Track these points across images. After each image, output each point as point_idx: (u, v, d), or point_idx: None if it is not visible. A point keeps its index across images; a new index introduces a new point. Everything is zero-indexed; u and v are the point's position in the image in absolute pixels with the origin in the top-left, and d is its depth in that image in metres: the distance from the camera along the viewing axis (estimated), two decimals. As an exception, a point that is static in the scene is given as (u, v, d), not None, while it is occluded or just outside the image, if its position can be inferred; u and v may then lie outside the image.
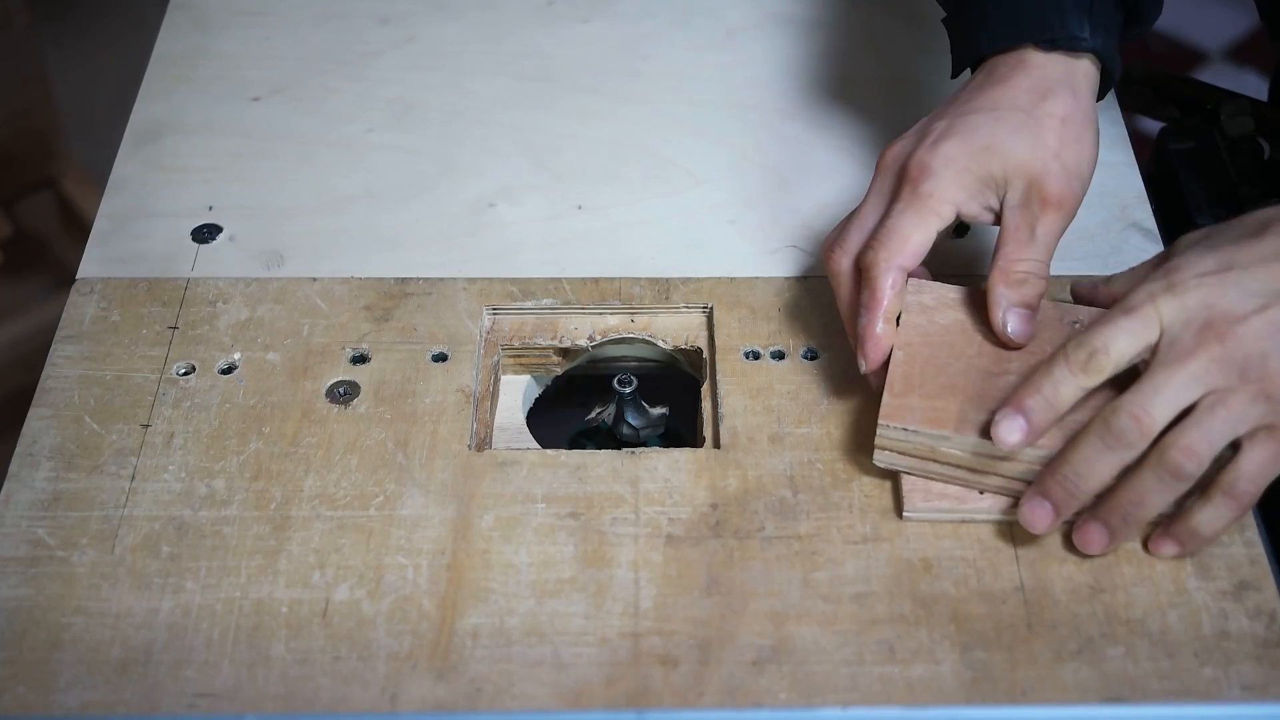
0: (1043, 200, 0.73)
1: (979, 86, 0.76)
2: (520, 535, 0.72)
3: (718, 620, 0.68)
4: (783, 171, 0.91)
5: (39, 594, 0.69)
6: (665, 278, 0.84)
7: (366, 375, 0.79)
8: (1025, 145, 0.73)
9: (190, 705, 0.65)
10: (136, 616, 0.69)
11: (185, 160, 0.92)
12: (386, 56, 1.00)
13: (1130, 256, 0.85)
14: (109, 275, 0.84)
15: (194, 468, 0.75)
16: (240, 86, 0.97)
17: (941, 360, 0.72)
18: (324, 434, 0.76)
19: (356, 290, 0.84)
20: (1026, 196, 0.73)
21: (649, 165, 0.92)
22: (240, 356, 0.80)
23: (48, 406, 0.77)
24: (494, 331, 0.83)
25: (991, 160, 0.73)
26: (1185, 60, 2.13)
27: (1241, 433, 0.66)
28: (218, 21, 1.02)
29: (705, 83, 0.98)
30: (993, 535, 0.72)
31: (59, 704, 0.65)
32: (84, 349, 0.80)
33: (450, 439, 0.76)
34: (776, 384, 0.79)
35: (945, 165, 0.73)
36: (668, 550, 0.71)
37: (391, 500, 0.73)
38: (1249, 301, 0.66)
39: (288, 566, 0.71)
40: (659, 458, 0.75)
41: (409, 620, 0.68)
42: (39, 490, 0.74)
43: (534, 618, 0.69)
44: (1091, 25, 0.75)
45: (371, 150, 0.93)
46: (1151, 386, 0.66)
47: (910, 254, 0.73)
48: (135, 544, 0.71)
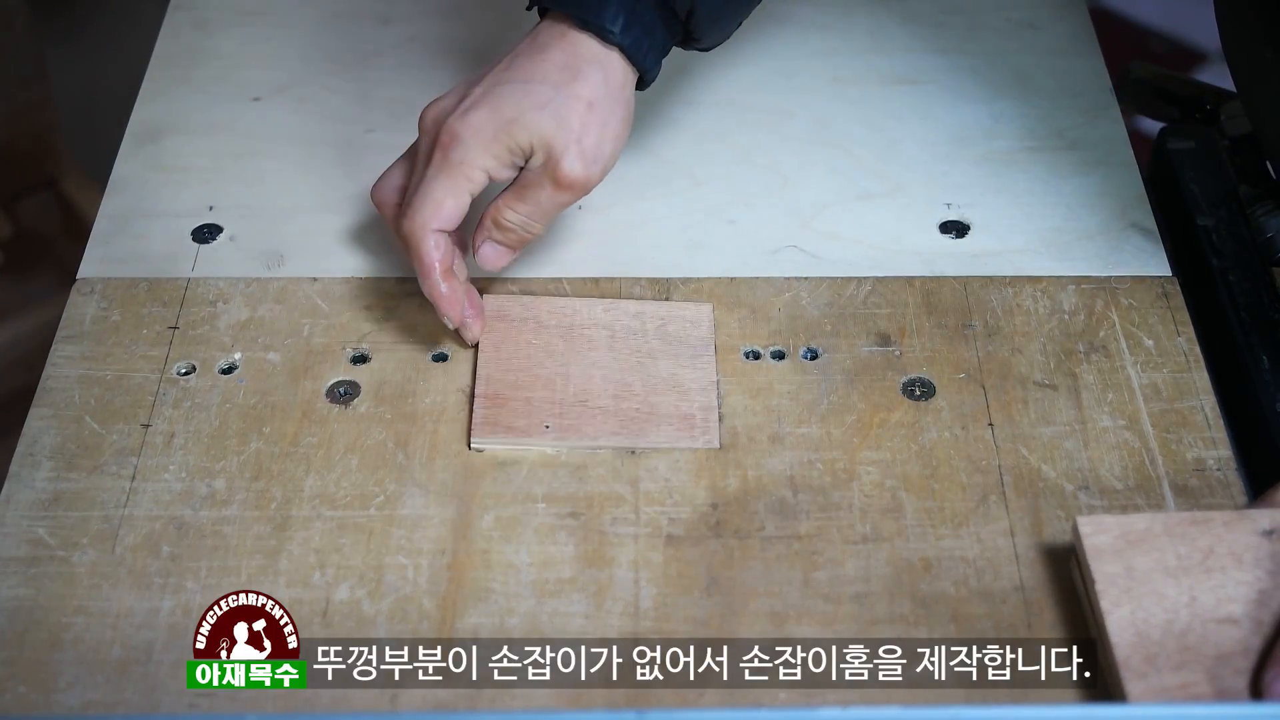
0: (554, 179, 0.75)
1: (522, 53, 0.78)
2: (520, 535, 0.72)
3: (718, 620, 0.68)
4: (783, 171, 0.91)
5: (39, 594, 0.69)
6: (665, 278, 0.84)
7: (367, 375, 0.79)
8: (549, 123, 0.75)
9: (190, 705, 0.65)
10: (137, 616, 0.69)
11: (186, 160, 0.92)
12: (387, 57, 1.00)
13: (1130, 256, 0.85)
14: (109, 275, 0.84)
15: (194, 468, 0.75)
16: (240, 86, 0.97)
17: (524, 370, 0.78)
18: (324, 434, 0.76)
19: (357, 290, 0.84)
20: (544, 167, 0.75)
21: (649, 165, 0.92)
22: (241, 356, 0.80)
23: (48, 406, 0.77)
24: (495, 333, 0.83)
25: (517, 133, 0.75)
26: (1185, 60, 2.13)
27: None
28: (218, 21, 1.02)
29: (705, 83, 0.98)
30: (993, 535, 0.72)
31: (59, 704, 0.65)
32: (84, 349, 0.80)
33: (450, 439, 0.76)
34: (776, 384, 0.79)
35: (474, 135, 0.75)
36: (668, 550, 0.71)
37: (392, 500, 0.73)
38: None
39: (288, 566, 0.71)
40: (659, 458, 0.75)
41: (409, 620, 0.68)
42: (39, 490, 0.74)
43: (534, 618, 0.69)
44: (625, 23, 0.76)
45: (372, 150, 0.93)
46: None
47: (445, 218, 0.76)
48: (136, 544, 0.71)
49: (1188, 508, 0.73)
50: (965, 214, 0.88)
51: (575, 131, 0.75)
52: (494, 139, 0.75)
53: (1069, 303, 0.82)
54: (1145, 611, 0.65)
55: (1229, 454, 0.75)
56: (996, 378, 0.79)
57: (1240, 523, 0.68)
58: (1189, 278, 0.85)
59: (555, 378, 0.78)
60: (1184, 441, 0.76)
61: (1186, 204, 0.88)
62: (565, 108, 0.75)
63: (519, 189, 0.77)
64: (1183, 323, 0.81)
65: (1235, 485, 0.74)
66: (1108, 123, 0.93)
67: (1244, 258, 0.84)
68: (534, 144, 0.75)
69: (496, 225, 0.78)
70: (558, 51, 0.76)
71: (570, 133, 0.75)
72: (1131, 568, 0.66)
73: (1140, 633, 0.65)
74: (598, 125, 0.76)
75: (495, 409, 0.77)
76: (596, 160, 0.76)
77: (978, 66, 0.97)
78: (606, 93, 0.76)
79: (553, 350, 0.79)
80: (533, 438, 0.75)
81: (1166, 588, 0.66)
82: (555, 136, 0.75)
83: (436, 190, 0.75)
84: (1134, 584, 0.66)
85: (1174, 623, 0.65)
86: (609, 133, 0.77)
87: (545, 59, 0.76)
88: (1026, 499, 0.73)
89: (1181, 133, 0.92)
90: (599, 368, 0.79)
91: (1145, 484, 0.74)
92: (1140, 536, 0.67)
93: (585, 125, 0.75)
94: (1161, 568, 0.66)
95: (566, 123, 0.75)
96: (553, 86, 0.75)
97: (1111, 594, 0.66)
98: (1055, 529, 0.72)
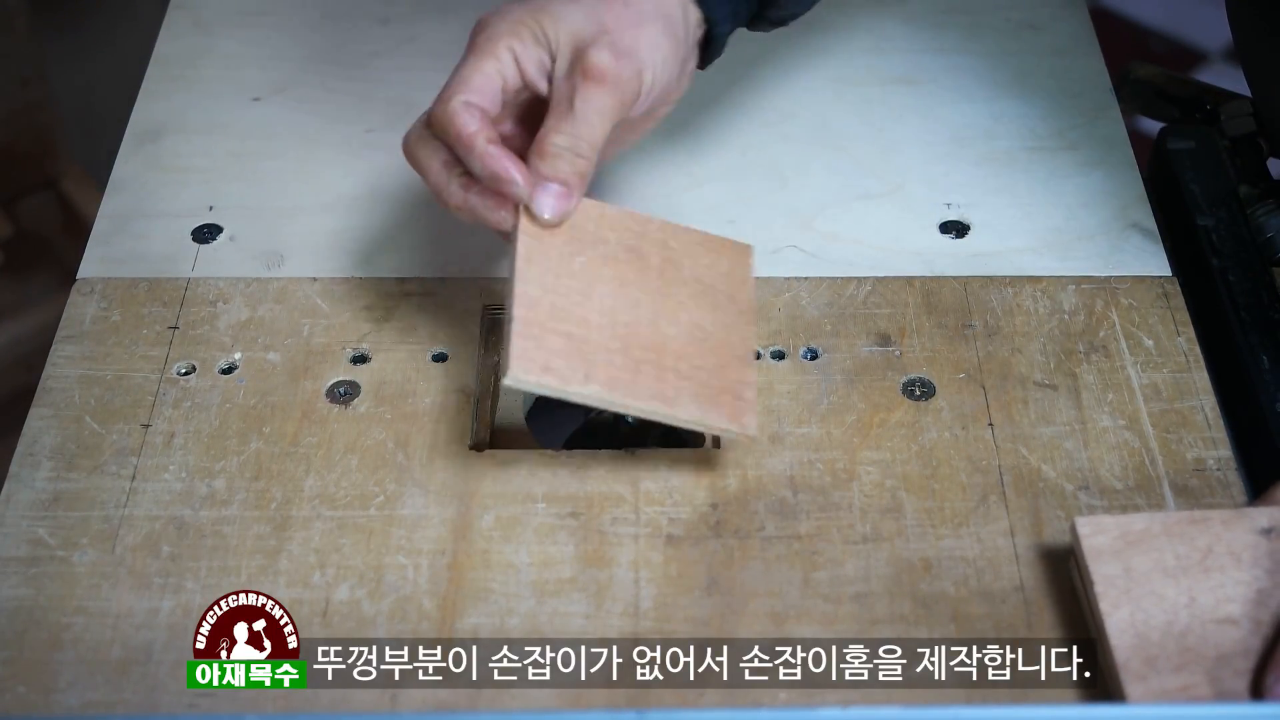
0: (584, 71, 0.70)
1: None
2: (520, 535, 0.72)
3: (718, 620, 0.68)
4: (783, 171, 0.91)
5: (39, 594, 0.69)
6: (665, 278, 0.84)
7: (367, 375, 0.79)
8: (579, 15, 0.71)
9: (190, 705, 0.65)
10: (137, 616, 0.69)
11: (186, 160, 0.92)
12: (388, 58, 1.00)
13: (1130, 256, 0.85)
14: (109, 275, 0.84)
15: (194, 467, 0.75)
16: (240, 86, 0.97)
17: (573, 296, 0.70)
18: (324, 434, 0.76)
19: (356, 290, 0.84)
20: (571, 66, 0.71)
21: (649, 165, 0.92)
22: (240, 356, 0.80)
23: (48, 406, 0.77)
24: (494, 331, 0.83)
25: (544, 19, 0.71)
26: (1185, 60, 2.13)
27: None
28: (218, 21, 1.02)
29: (705, 82, 0.98)
30: (993, 535, 0.72)
31: (59, 704, 0.65)
32: (84, 349, 0.80)
33: (450, 439, 0.76)
34: (776, 384, 0.79)
35: (500, 18, 0.72)
36: (668, 550, 0.71)
37: (392, 500, 0.73)
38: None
39: (288, 566, 0.71)
40: (659, 458, 0.75)
41: (409, 620, 0.68)
42: (39, 490, 0.74)
43: (534, 618, 0.69)
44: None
45: (372, 150, 0.93)
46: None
47: (474, 89, 0.70)
48: (135, 544, 0.71)
49: (1188, 508, 0.73)
50: (965, 214, 0.88)
51: (606, 24, 0.71)
52: (519, 21, 0.71)
53: (1069, 303, 0.82)
54: (1144, 613, 0.65)
55: (1229, 454, 0.75)
56: (996, 378, 0.79)
57: (1239, 521, 0.68)
58: (1189, 278, 0.85)
59: (602, 312, 0.71)
60: (1184, 441, 0.76)
61: (1186, 204, 0.88)
62: (599, 6, 0.72)
63: (553, 110, 0.71)
64: (1183, 323, 0.81)
65: (1235, 485, 0.74)
66: (1108, 123, 0.93)
67: (1244, 257, 0.84)
68: (559, 37, 0.71)
69: (542, 156, 0.71)
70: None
71: (599, 24, 0.71)
72: (1130, 568, 0.66)
73: (1140, 634, 0.65)
74: (632, 23, 0.72)
75: (535, 339, 0.68)
76: (629, 56, 0.71)
77: (978, 66, 0.97)
78: (653, 6, 0.73)
79: (602, 275, 0.72)
80: (571, 386, 0.68)
81: (1165, 588, 0.66)
82: (583, 28, 0.71)
83: (463, 69, 0.71)
84: (1133, 585, 0.66)
85: (1173, 624, 0.65)
86: (645, 35, 0.72)
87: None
88: (1026, 499, 0.73)
89: (1182, 133, 0.92)
90: (649, 308, 0.72)
91: (1145, 484, 0.74)
92: (1139, 536, 0.67)
93: (619, 21, 0.71)
94: (1160, 568, 0.66)
95: (597, 17, 0.71)
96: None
97: (1110, 595, 0.66)
98: (1055, 529, 0.72)
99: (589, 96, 0.70)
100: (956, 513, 0.73)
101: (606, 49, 0.70)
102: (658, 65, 0.73)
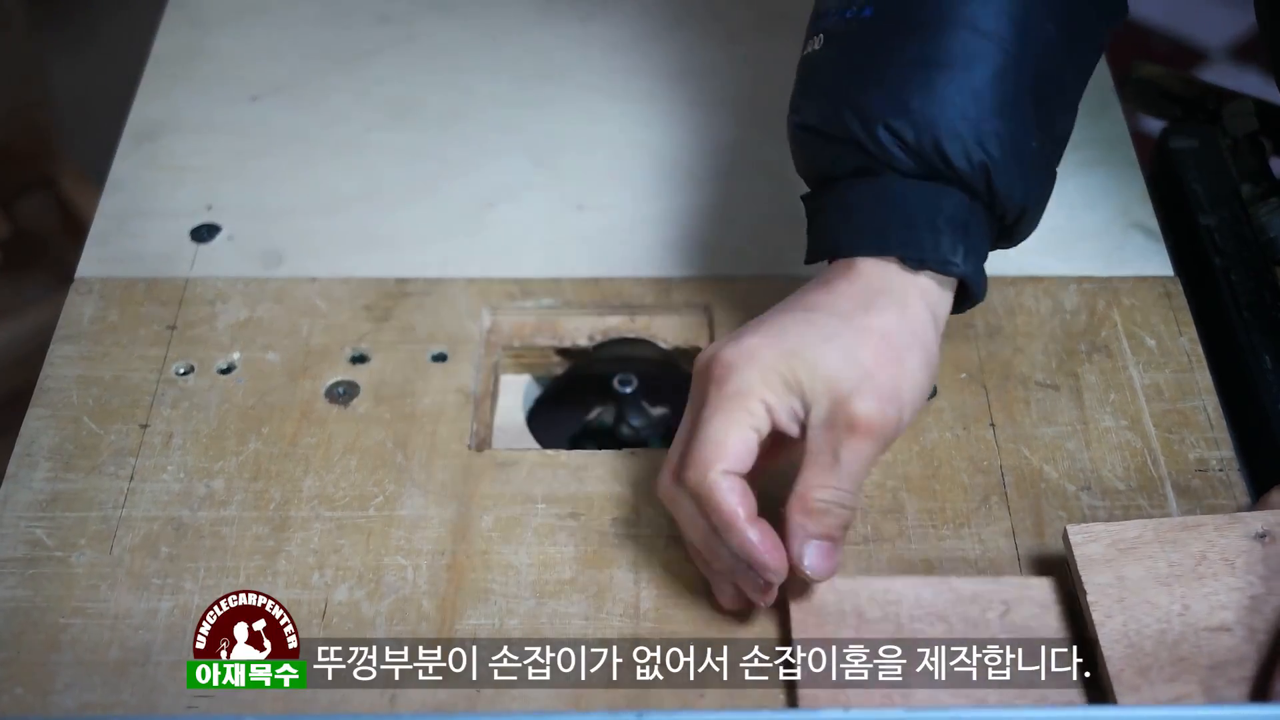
0: (849, 424, 0.64)
1: (804, 291, 0.69)
2: (520, 536, 0.72)
3: (718, 620, 0.68)
4: (782, 171, 0.91)
5: (37, 595, 0.69)
6: (665, 278, 0.84)
7: (366, 375, 0.79)
8: (836, 357, 0.65)
9: (189, 706, 0.65)
10: (135, 617, 0.68)
11: (184, 160, 0.92)
12: (386, 56, 1.00)
13: (1132, 256, 0.85)
14: (108, 275, 0.84)
15: (193, 468, 0.74)
16: (239, 86, 0.97)
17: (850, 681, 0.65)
18: (323, 434, 0.76)
19: (356, 290, 0.84)
20: (832, 416, 0.64)
21: (649, 165, 0.92)
22: (239, 356, 0.80)
23: (46, 406, 0.77)
24: (494, 331, 0.83)
25: (798, 366, 0.64)
26: (1186, 60, 2.13)
27: None
28: (216, 20, 1.02)
29: (705, 83, 0.98)
30: (995, 535, 0.71)
31: (57, 705, 0.65)
32: (82, 349, 0.80)
33: (450, 439, 0.76)
34: (777, 384, 0.78)
35: (749, 361, 0.65)
36: (668, 551, 0.71)
37: (391, 500, 0.73)
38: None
39: (287, 567, 0.70)
40: (659, 458, 0.75)
41: (409, 621, 0.68)
42: (37, 491, 0.73)
43: (534, 618, 0.68)
44: (965, 249, 0.68)
45: (371, 150, 0.92)
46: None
47: (732, 456, 0.64)
48: (134, 544, 0.71)
49: (1190, 508, 0.73)
50: (966, 213, 0.88)
51: (867, 366, 0.64)
52: (771, 368, 0.64)
53: (1071, 302, 0.82)
54: (1138, 622, 0.65)
55: (1231, 454, 0.75)
56: (998, 378, 0.79)
57: (1232, 527, 0.68)
58: (1191, 277, 0.85)
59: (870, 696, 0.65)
60: (1186, 441, 0.76)
61: (1189, 203, 0.88)
62: (857, 341, 0.65)
63: (812, 461, 0.64)
64: (1185, 322, 0.81)
65: (1238, 485, 0.74)
66: (1110, 122, 0.93)
67: (1246, 257, 0.84)
68: (815, 385, 0.64)
69: (808, 514, 0.64)
70: (845, 283, 0.68)
71: (861, 367, 0.64)
72: (1123, 577, 0.66)
73: (1133, 644, 0.64)
74: (893, 361, 0.65)
75: None
76: (894, 400, 0.65)
77: (979, 65, 0.97)
78: (903, 324, 0.66)
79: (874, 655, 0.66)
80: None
81: (1159, 597, 0.65)
82: (841, 374, 0.64)
83: (714, 428, 0.64)
84: (1126, 594, 0.65)
85: (1167, 632, 0.64)
86: (906, 373, 0.66)
87: (832, 289, 0.68)
88: (1028, 499, 0.73)
89: (1184, 132, 0.92)
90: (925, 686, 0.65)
91: (1147, 484, 0.74)
92: (1131, 544, 0.67)
93: (879, 360, 0.65)
94: (1153, 576, 0.66)
95: (856, 358, 0.64)
96: (840, 319, 0.66)
97: (1103, 605, 0.65)
98: (1057, 530, 0.72)
99: (855, 449, 0.64)
100: (958, 513, 0.73)
101: (871, 398, 0.64)
102: (916, 401, 0.67)
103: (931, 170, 0.68)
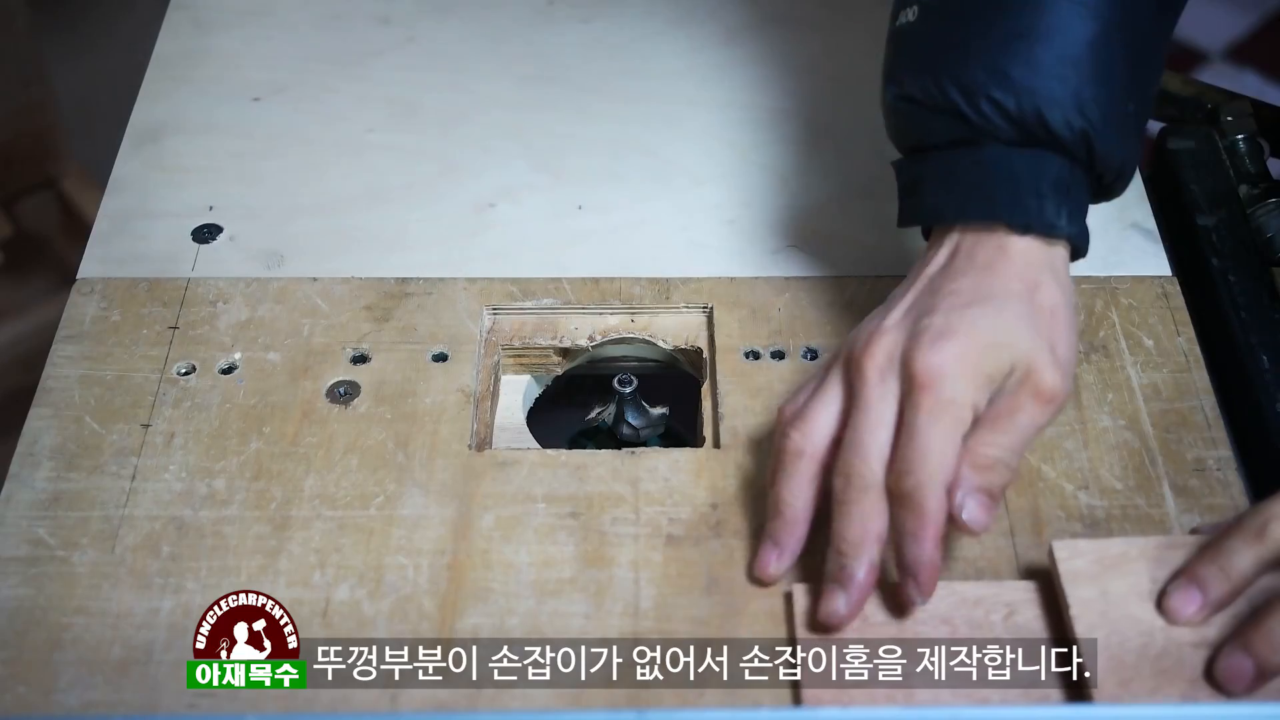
0: (1036, 392, 0.67)
1: (962, 273, 0.70)
2: (520, 535, 0.72)
3: (718, 620, 0.68)
4: (783, 171, 0.91)
5: (39, 594, 0.69)
6: (665, 278, 0.84)
7: (367, 375, 0.79)
8: (1027, 336, 0.68)
9: (190, 705, 0.65)
10: (137, 616, 0.69)
11: (186, 160, 0.92)
12: (386, 56, 1.00)
13: (1130, 256, 0.85)
14: (109, 275, 0.84)
15: (194, 468, 0.75)
16: (241, 86, 0.97)
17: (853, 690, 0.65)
18: (324, 434, 0.76)
19: (357, 290, 0.84)
20: (1020, 384, 0.67)
21: (649, 165, 0.92)
22: (240, 356, 0.80)
23: (48, 406, 0.77)
24: (494, 331, 0.83)
25: (1001, 355, 0.67)
26: (1185, 60, 2.13)
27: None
28: (218, 21, 1.02)
29: (705, 83, 0.98)
30: (993, 535, 0.72)
31: (59, 704, 0.65)
32: (84, 349, 0.80)
33: (450, 439, 0.76)
34: (776, 384, 0.79)
35: (959, 366, 0.66)
36: (668, 550, 0.71)
37: (392, 500, 0.73)
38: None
39: (288, 566, 0.71)
40: (659, 458, 0.75)
41: (409, 620, 0.68)
42: (39, 490, 0.74)
43: (534, 618, 0.69)
44: (1069, 212, 0.70)
45: (371, 150, 0.93)
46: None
47: (950, 469, 0.66)
48: (136, 544, 0.71)
49: (1188, 507, 0.73)
50: (965, 214, 0.88)
51: (1048, 341, 0.68)
52: (977, 368, 0.66)
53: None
54: (1120, 635, 0.65)
55: (1229, 454, 0.75)
56: (996, 378, 0.79)
57: None
58: (1189, 278, 0.85)
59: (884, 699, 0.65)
60: (1184, 441, 0.76)
61: (1186, 204, 0.88)
62: (1035, 319, 0.68)
63: (992, 419, 0.67)
64: (1183, 323, 0.81)
65: (1235, 485, 0.74)
66: (1108, 123, 0.93)
67: (1244, 258, 0.84)
68: (1014, 364, 0.67)
69: (976, 468, 0.66)
70: (1006, 264, 0.69)
71: (1045, 342, 0.67)
72: (1107, 592, 0.66)
73: (1114, 657, 0.64)
74: (1065, 331, 0.69)
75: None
76: (1068, 369, 0.68)
77: (978, 66, 0.97)
78: (1063, 298, 0.70)
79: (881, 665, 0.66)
80: None
81: (1142, 612, 0.66)
82: (1032, 350, 0.67)
83: (936, 439, 0.65)
84: (1109, 608, 0.66)
85: (1149, 646, 0.64)
86: (1072, 340, 0.69)
87: (998, 273, 0.69)
88: (1026, 499, 0.73)
89: (1182, 132, 0.92)
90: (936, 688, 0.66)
91: (1145, 484, 0.74)
92: (1115, 560, 0.67)
93: (1054, 333, 0.68)
94: (1137, 592, 0.66)
95: (1040, 334, 0.68)
96: (1018, 299, 0.68)
97: (1086, 619, 0.65)
98: (1055, 529, 0.72)
99: (1033, 414, 0.67)
100: (956, 513, 0.73)
101: (1054, 368, 0.67)
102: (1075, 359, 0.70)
103: (1032, 137, 0.70)
